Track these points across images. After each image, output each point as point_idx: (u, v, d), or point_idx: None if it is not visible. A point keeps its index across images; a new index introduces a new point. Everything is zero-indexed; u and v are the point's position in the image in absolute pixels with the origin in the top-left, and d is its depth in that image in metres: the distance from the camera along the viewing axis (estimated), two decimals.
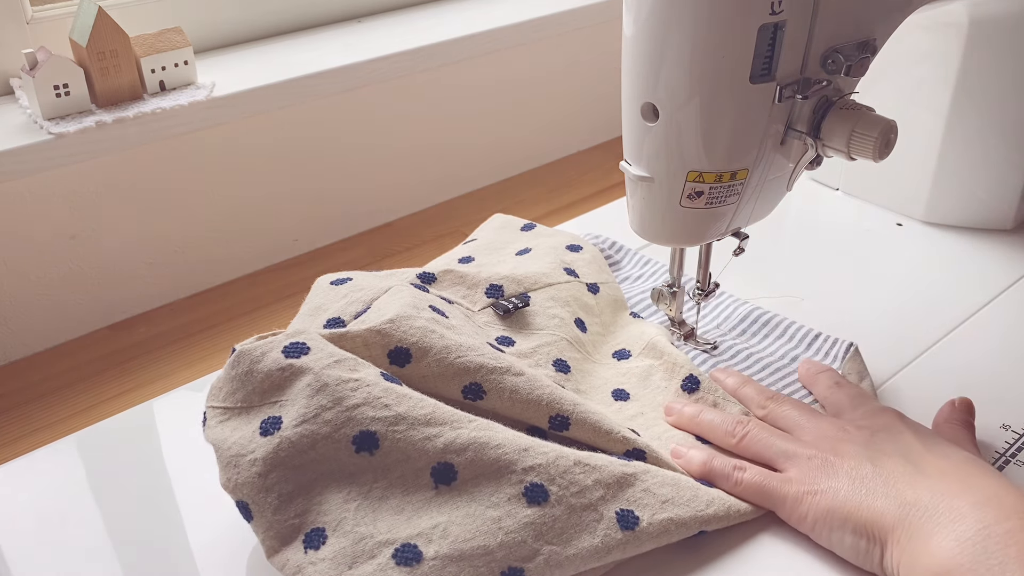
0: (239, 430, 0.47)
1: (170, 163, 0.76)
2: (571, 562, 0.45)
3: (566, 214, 0.89)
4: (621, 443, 0.51)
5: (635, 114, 0.52)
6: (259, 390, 0.48)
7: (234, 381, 0.49)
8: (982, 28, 0.70)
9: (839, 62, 0.50)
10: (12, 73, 0.73)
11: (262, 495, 0.45)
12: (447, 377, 0.51)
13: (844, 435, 0.50)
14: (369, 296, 0.56)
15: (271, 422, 0.46)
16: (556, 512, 0.45)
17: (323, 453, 0.46)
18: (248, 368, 0.48)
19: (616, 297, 0.67)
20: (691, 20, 0.47)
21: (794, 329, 0.63)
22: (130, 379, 0.69)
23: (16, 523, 0.52)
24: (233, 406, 0.48)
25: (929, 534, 0.43)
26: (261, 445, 0.46)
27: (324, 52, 0.83)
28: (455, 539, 0.43)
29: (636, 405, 0.57)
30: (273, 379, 0.48)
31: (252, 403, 0.48)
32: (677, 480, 0.49)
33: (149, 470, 0.55)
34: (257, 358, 0.48)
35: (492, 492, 0.45)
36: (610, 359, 0.61)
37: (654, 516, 0.47)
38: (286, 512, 0.45)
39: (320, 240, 0.88)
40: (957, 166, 0.76)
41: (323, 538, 0.44)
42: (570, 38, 1.00)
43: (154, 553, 0.50)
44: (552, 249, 0.67)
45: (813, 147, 0.53)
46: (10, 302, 0.71)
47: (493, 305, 0.60)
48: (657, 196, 0.54)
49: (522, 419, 0.51)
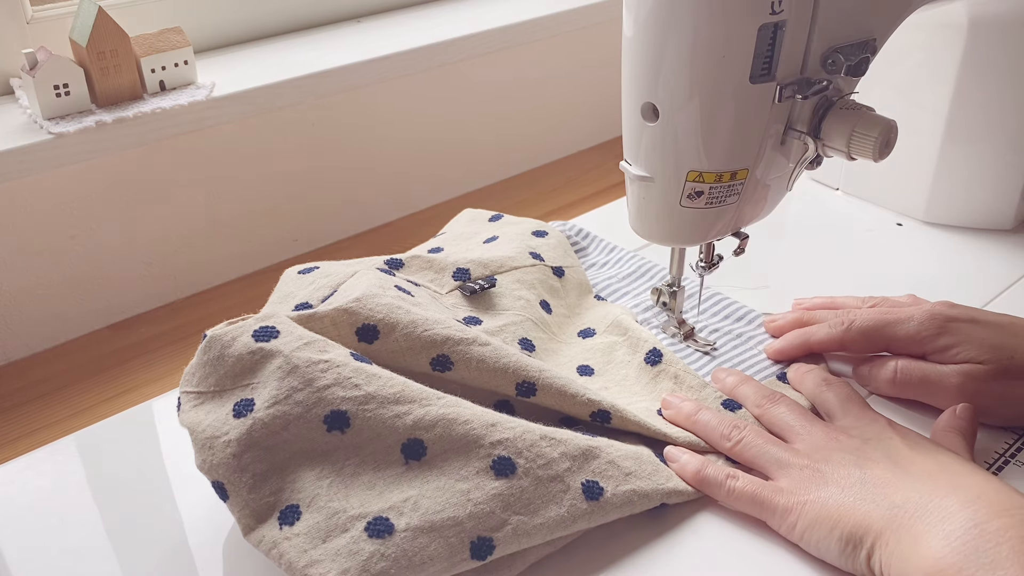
0: (212, 413, 0.48)
1: (170, 163, 0.76)
2: (538, 531, 0.46)
3: (566, 214, 0.89)
4: (587, 405, 0.52)
5: (635, 114, 0.52)
6: (231, 374, 0.49)
7: (206, 366, 0.49)
8: (982, 28, 0.70)
9: (839, 62, 0.50)
10: (12, 73, 0.73)
11: (237, 475, 0.46)
12: (415, 351, 0.52)
13: (835, 444, 0.50)
14: (336, 281, 0.57)
15: (244, 404, 0.47)
16: (523, 484, 0.47)
17: (295, 433, 0.47)
18: (219, 353, 0.49)
19: (581, 281, 0.68)
20: (691, 20, 0.47)
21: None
22: (130, 379, 0.69)
23: (16, 523, 0.52)
24: (206, 390, 0.49)
25: (919, 535, 0.43)
26: (235, 427, 0.47)
27: (324, 52, 0.83)
28: (425, 511, 0.45)
29: (600, 380, 0.59)
30: (244, 363, 0.49)
31: (224, 387, 0.49)
32: (639, 454, 0.51)
33: (149, 470, 0.55)
34: (228, 343, 0.49)
35: (461, 466, 0.47)
36: (575, 338, 0.63)
37: (618, 487, 0.48)
38: (261, 491, 0.46)
39: (320, 240, 0.88)
40: (957, 166, 0.76)
41: (297, 514, 0.45)
42: (570, 38, 1.00)
43: (154, 553, 0.50)
44: (518, 235, 0.69)
45: (813, 147, 0.53)
46: (10, 302, 0.71)
47: (460, 288, 0.61)
48: (657, 196, 0.54)
49: (490, 387, 0.53)
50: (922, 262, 0.75)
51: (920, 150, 0.76)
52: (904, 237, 0.78)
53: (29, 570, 0.49)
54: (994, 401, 0.54)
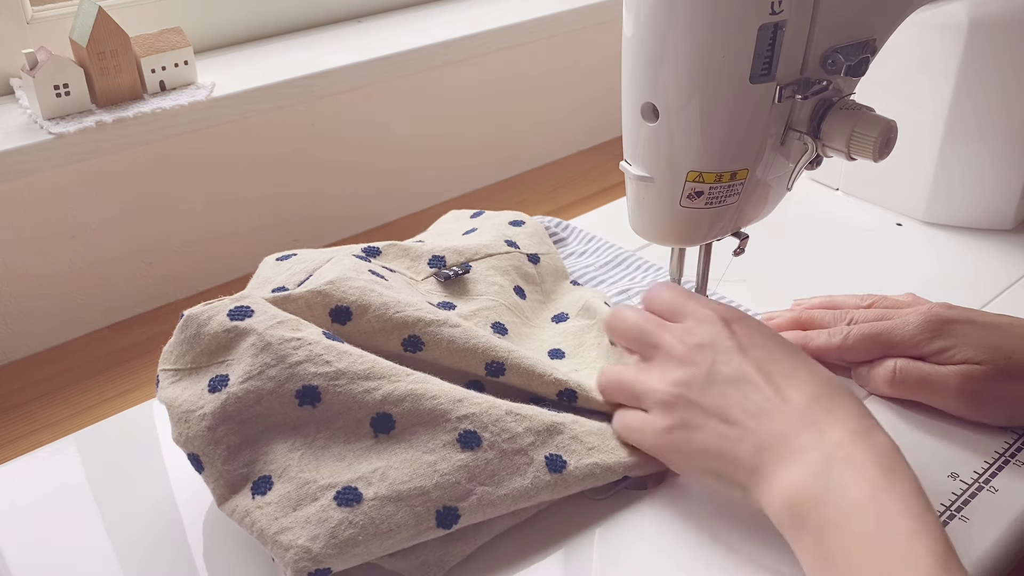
0: (189, 389, 0.49)
1: (170, 163, 0.76)
2: (503, 501, 0.47)
3: (566, 214, 0.89)
4: (554, 384, 0.54)
5: (635, 114, 0.52)
6: (207, 351, 0.50)
7: (183, 344, 0.51)
8: (982, 28, 0.70)
9: (839, 62, 0.50)
10: (12, 73, 0.73)
11: (211, 447, 0.47)
12: (387, 331, 0.53)
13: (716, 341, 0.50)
14: (312, 267, 0.59)
15: (218, 380, 0.48)
16: (488, 456, 0.48)
17: (268, 407, 0.48)
18: (195, 331, 0.50)
19: (557, 267, 0.69)
20: (691, 20, 0.47)
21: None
22: (130, 379, 0.69)
23: (16, 523, 0.52)
24: (183, 367, 0.50)
25: (774, 471, 0.45)
26: (210, 401, 0.48)
27: (324, 52, 0.83)
28: (393, 481, 0.46)
29: (571, 363, 0.59)
30: (219, 340, 0.50)
31: (200, 364, 0.50)
32: (603, 430, 0.52)
33: (149, 470, 0.55)
34: (204, 322, 0.50)
35: (428, 439, 0.48)
36: (549, 323, 0.63)
37: (580, 460, 0.50)
38: (234, 462, 0.47)
39: (320, 240, 0.88)
40: (957, 166, 0.76)
41: (269, 485, 0.46)
42: (570, 38, 1.00)
43: (154, 553, 0.50)
44: (495, 226, 0.70)
45: (813, 147, 0.53)
46: (10, 302, 0.71)
47: (435, 275, 0.62)
48: (657, 196, 0.54)
49: (460, 368, 0.54)
50: (922, 262, 0.75)
51: (920, 150, 0.76)
52: (904, 237, 0.78)
53: (29, 570, 0.49)
54: (993, 401, 0.54)
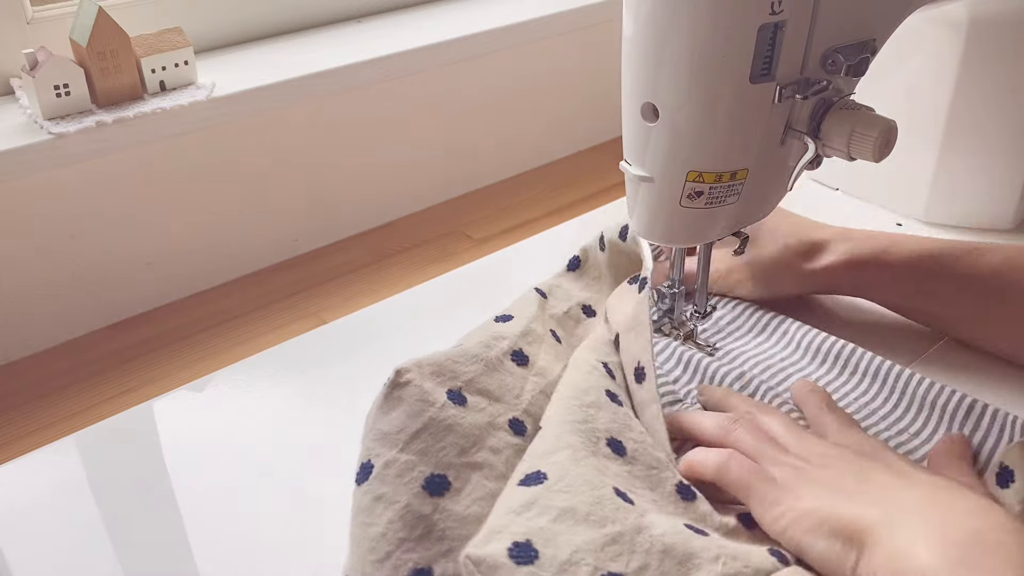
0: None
1: (170, 163, 0.76)
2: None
3: (566, 214, 0.89)
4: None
5: (635, 114, 0.52)
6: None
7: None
8: (982, 28, 0.70)
9: (839, 62, 0.50)
10: (12, 73, 0.73)
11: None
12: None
13: (832, 451, 0.49)
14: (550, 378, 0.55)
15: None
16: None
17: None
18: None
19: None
20: (691, 20, 0.47)
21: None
22: (130, 379, 0.69)
23: (16, 523, 0.52)
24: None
25: (915, 537, 0.41)
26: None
27: (324, 52, 0.83)
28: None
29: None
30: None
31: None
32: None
33: (149, 470, 0.55)
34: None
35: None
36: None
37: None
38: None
39: (320, 240, 0.88)
40: (957, 166, 0.76)
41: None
42: (570, 38, 1.00)
43: (154, 553, 0.50)
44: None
45: (813, 147, 0.53)
46: (10, 302, 0.71)
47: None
48: (657, 196, 0.54)
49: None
50: None
51: (920, 150, 0.76)
52: None
53: (29, 570, 0.49)
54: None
